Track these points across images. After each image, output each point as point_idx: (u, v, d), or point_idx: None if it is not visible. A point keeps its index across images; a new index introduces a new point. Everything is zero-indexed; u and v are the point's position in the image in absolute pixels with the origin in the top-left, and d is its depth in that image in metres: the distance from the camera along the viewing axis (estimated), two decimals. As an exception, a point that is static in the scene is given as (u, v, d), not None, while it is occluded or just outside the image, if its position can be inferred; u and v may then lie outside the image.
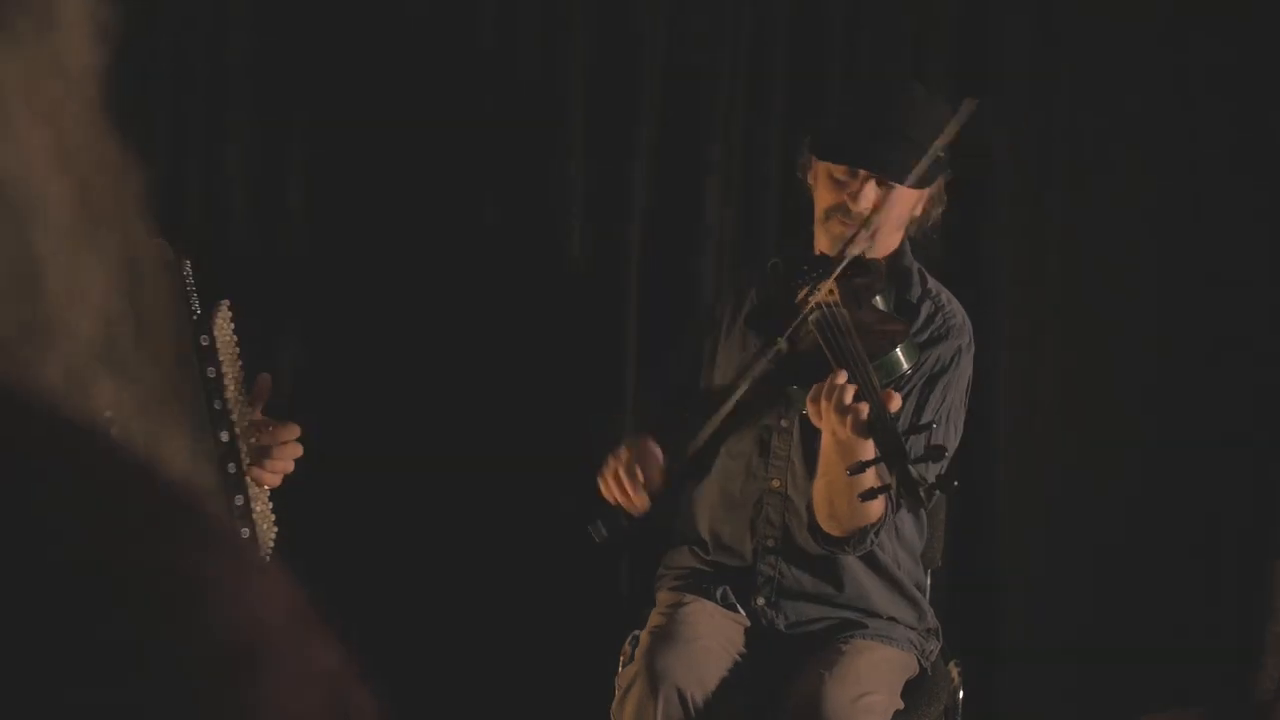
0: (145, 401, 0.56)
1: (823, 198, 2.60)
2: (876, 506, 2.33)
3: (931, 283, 2.69)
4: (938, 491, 2.26)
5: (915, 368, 2.45)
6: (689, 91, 3.33)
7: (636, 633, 2.77)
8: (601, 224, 3.31)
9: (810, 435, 2.51)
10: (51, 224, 0.50)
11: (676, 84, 3.33)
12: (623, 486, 2.55)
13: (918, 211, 2.62)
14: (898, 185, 2.51)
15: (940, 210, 2.68)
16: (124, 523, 0.44)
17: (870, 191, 2.52)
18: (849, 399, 2.26)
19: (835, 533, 2.50)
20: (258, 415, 1.97)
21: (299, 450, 1.98)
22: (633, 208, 3.31)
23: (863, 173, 2.52)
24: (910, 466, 2.19)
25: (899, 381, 2.43)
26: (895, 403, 2.27)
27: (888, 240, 2.61)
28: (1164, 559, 3.52)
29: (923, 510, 2.60)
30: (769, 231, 3.35)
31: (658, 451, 2.59)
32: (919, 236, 2.69)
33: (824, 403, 2.29)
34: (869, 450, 2.26)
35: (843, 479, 2.33)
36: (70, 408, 0.50)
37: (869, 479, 2.25)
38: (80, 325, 0.52)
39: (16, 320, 0.49)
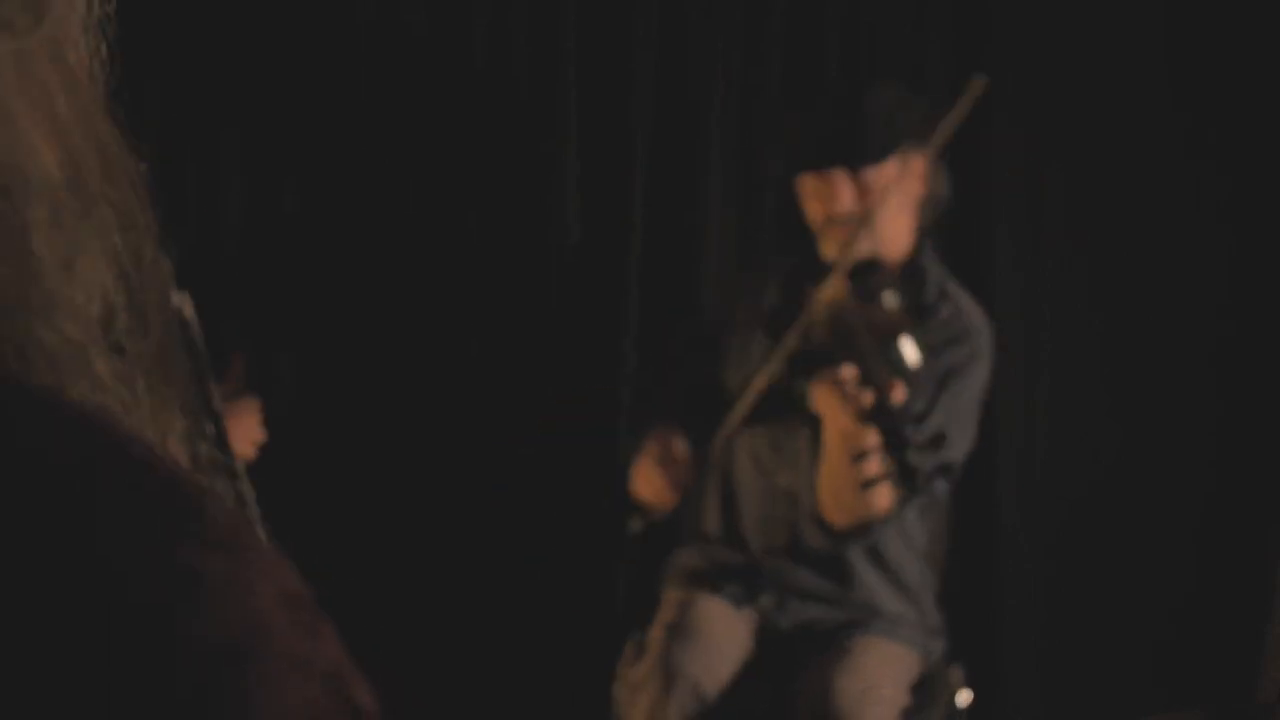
0: (143, 383, 0.57)
1: (811, 212, 2.61)
2: (881, 497, 2.35)
3: (951, 286, 2.68)
4: (939, 480, 2.28)
5: (924, 364, 2.45)
6: (686, 89, 3.32)
7: (638, 636, 2.76)
8: (600, 224, 3.31)
9: (820, 434, 2.51)
10: (45, 202, 0.50)
11: (674, 82, 3.32)
12: (654, 484, 2.58)
13: (916, 191, 2.61)
14: (867, 169, 2.51)
15: (945, 189, 2.66)
16: (121, 511, 0.44)
17: (845, 187, 2.53)
18: (852, 387, 2.27)
19: (840, 523, 2.50)
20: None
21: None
22: (632, 209, 3.31)
23: (832, 174, 2.53)
24: (909, 453, 2.21)
25: (906, 377, 2.43)
26: (899, 393, 2.28)
27: (894, 234, 2.59)
28: (1165, 559, 3.51)
29: (929, 507, 2.60)
30: (768, 231, 3.34)
31: (683, 447, 2.62)
32: (931, 222, 2.68)
33: (828, 390, 2.30)
34: (870, 438, 2.27)
35: (845, 467, 2.35)
36: (69, 390, 0.51)
37: (870, 468, 2.27)
38: (76, 301, 0.52)
39: (14, 295, 0.50)
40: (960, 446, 2.57)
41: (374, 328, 3.23)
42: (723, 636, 2.59)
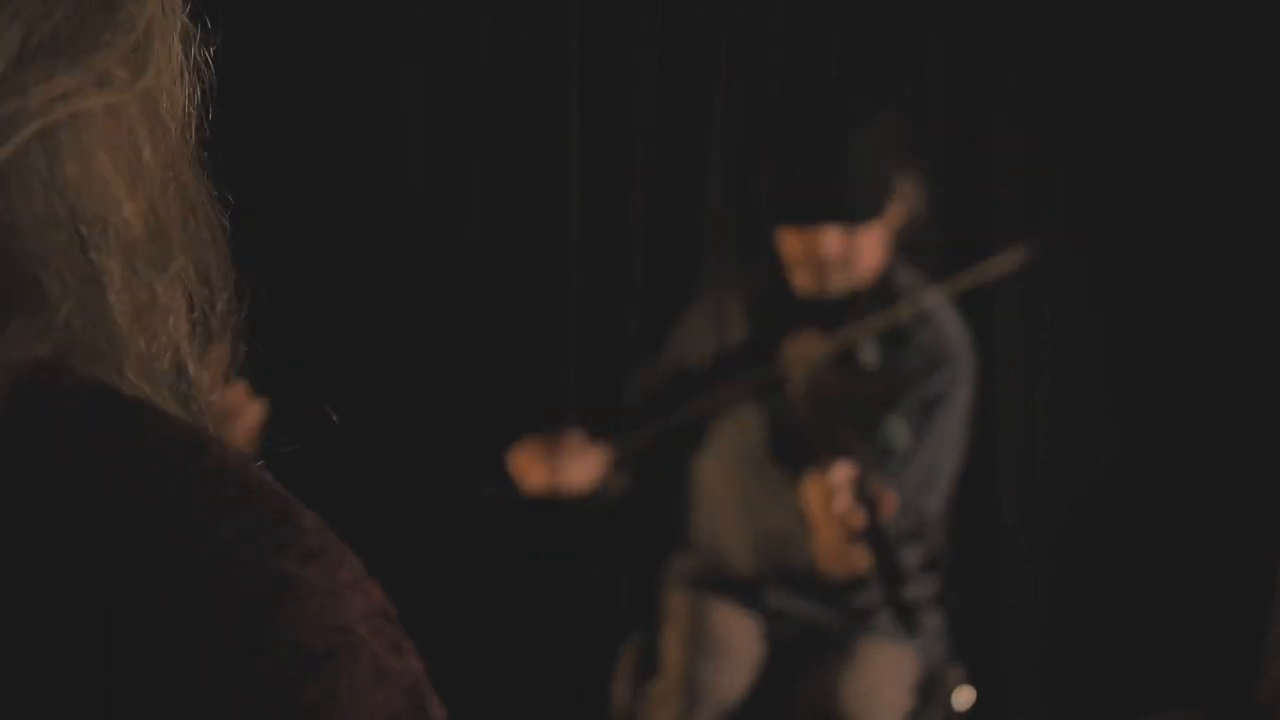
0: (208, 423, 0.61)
1: (788, 246, 2.53)
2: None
3: (927, 300, 2.60)
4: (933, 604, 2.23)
5: (910, 440, 2.40)
6: (688, 88, 3.33)
7: (639, 637, 2.76)
8: (600, 224, 3.31)
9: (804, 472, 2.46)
10: (122, 253, 0.54)
11: (675, 81, 3.32)
12: (531, 466, 2.56)
13: (897, 220, 2.54)
14: (855, 227, 2.45)
15: (922, 206, 2.59)
16: (226, 523, 0.48)
17: (833, 237, 2.45)
18: (842, 502, 2.19)
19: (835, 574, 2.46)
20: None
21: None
22: (632, 209, 3.31)
23: (818, 229, 2.44)
24: (905, 591, 2.14)
25: (895, 463, 2.38)
26: (890, 503, 2.20)
27: (870, 262, 2.53)
28: (1165, 559, 3.51)
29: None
30: (767, 232, 3.34)
31: (579, 445, 2.58)
32: (910, 237, 2.61)
33: (818, 498, 2.22)
34: (861, 559, 2.20)
35: (837, 567, 2.27)
36: (181, 421, 0.55)
37: (863, 578, 2.21)
38: (147, 351, 0.56)
39: (88, 342, 0.53)
40: (949, 472, 2.56)
41: (373, 326, 3.23)
42: (741, 647, 2.58)
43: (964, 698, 2.72)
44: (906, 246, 2.62)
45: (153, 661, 0.46)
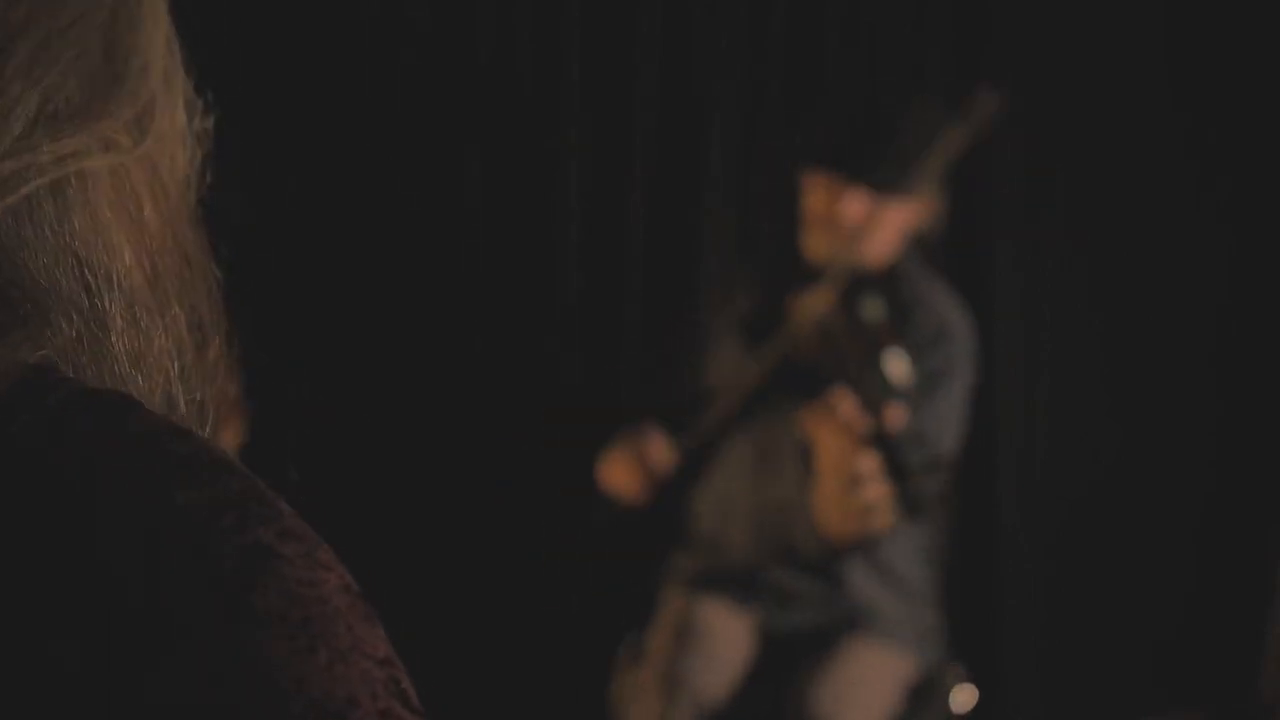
0: None
1: (813, 202, 2.56)
2: (881, 518, 2.33)
3: (929, 285, 2.64)
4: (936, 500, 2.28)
5: (913, 378, 2.43)
6: (688, 88, 3.33)
7: (637, 635, 2.76)
8: (600, 224, 3.31)
9: (810, 449, 2.50)
10: (123, 300, 0.60)
11: (676, 81, 3.32)
12: (624, 478, 2.60)
13: (915, 221, 2.59)
14: (889, 197, 2.49)
15: (943, 204, 2.65)
16: (224, 517, 0.52)
17: (860, 202, 2.49)
18: (846, 413, 2.26)
19: (840, 538, 2.49)
20: None
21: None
22: (632, 209, 3.31)
23: (853, 186, 2.49)
24: (909, 480, 2.21)
25: (896, 395, 2.41)
26: (895, 417, 2.26)
27: (884, 246, 2.56)
28: (1165, 559, 3.51)
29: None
30: (768, 231, 3.34)
31: (661, 447, 2.63)
32: (922, 232, 2.65)
33: (821, 417, 2.29)
34: (867, 464, 2.25)
35: (843, 493, 2.32)
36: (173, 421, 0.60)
37: (870, 494, 2.25)
38: (142, 389, 0.61)
39: (90, 380, 0.58)
40: (949, 451, 2.57)
41: (373, 327, 3.23)
42: (725, 644, 2.59)
43: (964, 698, 2.72)
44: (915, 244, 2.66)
45: (153, 661, 0.47)
